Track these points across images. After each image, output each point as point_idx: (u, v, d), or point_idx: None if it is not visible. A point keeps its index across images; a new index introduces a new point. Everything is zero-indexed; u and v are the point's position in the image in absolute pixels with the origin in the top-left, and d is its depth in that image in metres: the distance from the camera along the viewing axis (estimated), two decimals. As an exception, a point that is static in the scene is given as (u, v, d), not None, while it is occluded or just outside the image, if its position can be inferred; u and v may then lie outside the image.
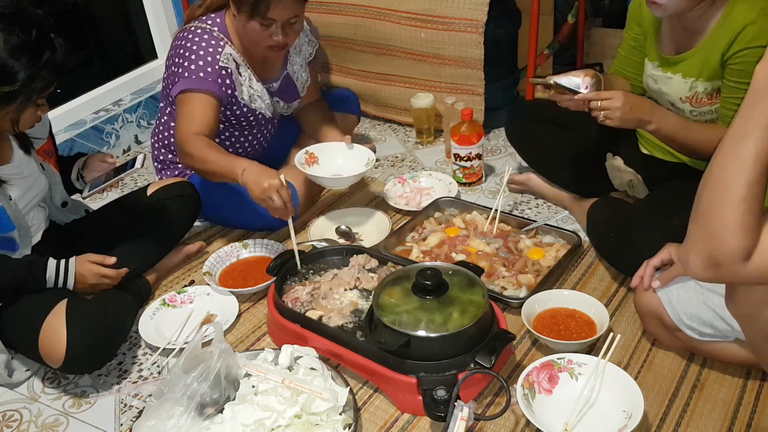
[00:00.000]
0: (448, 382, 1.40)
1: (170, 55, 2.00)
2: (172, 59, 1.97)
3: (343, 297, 1.70)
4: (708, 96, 1.66)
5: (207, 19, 1.98)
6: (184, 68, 1.91)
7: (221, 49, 1.93)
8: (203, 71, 1.90)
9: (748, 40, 1.51)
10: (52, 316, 1.57)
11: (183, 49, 1.93)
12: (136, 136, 2.87)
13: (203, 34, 1.93)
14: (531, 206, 2.21)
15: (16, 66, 1.44)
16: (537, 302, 1.67)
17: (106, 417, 1.57)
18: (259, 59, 2.04)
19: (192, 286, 1.92)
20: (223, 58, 1.93)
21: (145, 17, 3.00)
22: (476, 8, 2.43)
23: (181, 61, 1.92)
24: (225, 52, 1.94)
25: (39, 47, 1.46)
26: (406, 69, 2.66)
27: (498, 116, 2.62)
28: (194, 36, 1.94)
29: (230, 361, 1.45)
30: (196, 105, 1.89)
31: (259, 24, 1.86)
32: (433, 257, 1.91)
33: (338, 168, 2.09)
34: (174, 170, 2.18)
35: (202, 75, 1.90)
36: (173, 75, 1.95)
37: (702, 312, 1.42)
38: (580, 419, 1.37)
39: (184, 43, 1.94)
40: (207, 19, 1.98)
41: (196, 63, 1.91)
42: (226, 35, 1.96)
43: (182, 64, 1.92)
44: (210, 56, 1.91)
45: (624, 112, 1.61)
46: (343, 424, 1.39)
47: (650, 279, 1.51)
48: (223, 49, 1.93)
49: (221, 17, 1.98)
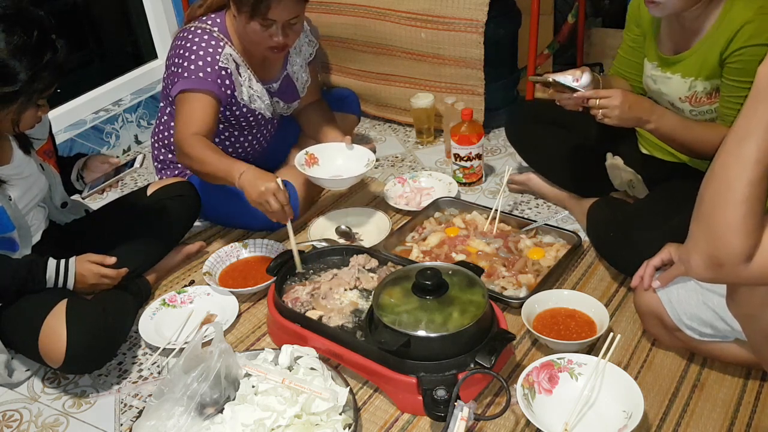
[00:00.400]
0: (448, 382, 1.40)
1: (170, 55, 2.00)
2: (171, 59, 1.97)
3: (343, 297, 1.70)
4: (707, 95, 1.66)
5: (207, 20, 1.98)
6: (184, 68, 1.91)
7: (221, 50, 1.93)
8: (203, 71, 1.90)
9: (746, 39, 1.51)
10: (51, 316, 1.57)
11: (183, 49, 1.93)
12: (136, 136, 2.87)
13: (203, 35, 1.93)
14: (531, 206, 2.21)
15: (17, 67, 1.43)
16: (537, 302, 1.67)
17: (106, 417, 1.57)
18: (258, 60, 2.04)
19: (192, 286, 1.92)
20: (223, 59, 1.93)
21: (145, 17, 2.99)
22: (476, 8, 2.43)
23: (181, 61, 1.92)
24: (225, 52, 1.94)
25: (40, 48, 1.46)
26: (406, 69, 2.66)
27: (498, 116, 2.62)
28: (194, 36, 1.94)
29: (230, 361, 1.45)
30: (196, 105, 1.89)
31: (259, 25, 1.86)
32: (433, 257, 1.91)
33: (338, 169, 2.09)
34: (174, 170, 2.18)
35: (202, 75, 1.90)
36: (173, 75, 1.95)
37: (702, 312, 1.42)
38: (580, 419, 1.37)
39: (183, 44, 1.94)
40: (207, 19, 1.98)
41: (195, 63, 1.90)
42: (226, 35, 1.96)
43: (182, 65, 1.92)
44: (210, 56, 1.91)
45: (622, 111, 1.61)
46: (343, 424, 1.39)
47: (650, 279, 1.51)
48: (223, 50, 1.93)
49: (221, 17, 1.98)
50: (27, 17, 1.47)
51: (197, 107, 1.89)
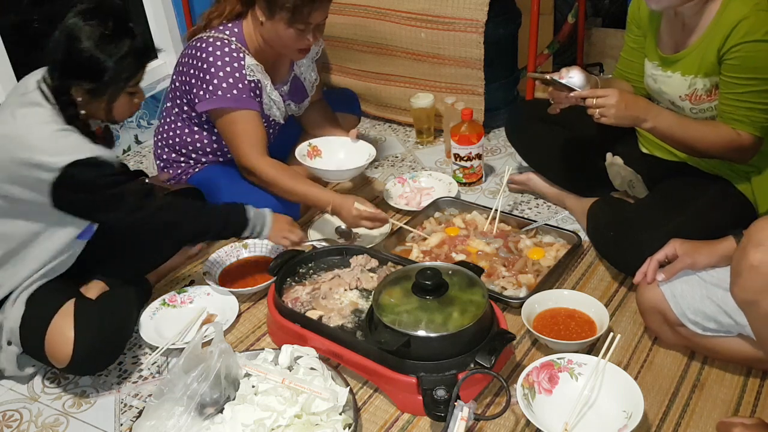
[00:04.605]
0: (448, 382, 1.40)
1: (186, 62, 1.99)
2: (191, 69, 1.97)
3: (343, 297, 1.70)
4: (707, 93, 1.66)
5: (224, 29, 1.98)
6: (215, 85, 1.92)
7: (243, 62, 1.94)
8: (236, 88, 1.92)
9: (742, 35, 1.52)
10: (59, 316, 1.57)
11: (204, 62, 1.93)
12: (136, 136, 2.87)
13: (223, 47, 1.94)
14: (531, 206, 2.21)
15: (102, 58, 1.49)
16: (537, 302, 1.67)
17: (106, 417, 1.57)
18: (270, 64, 2.04)
19: (192, 286, 1.93)
20: (248, 72, 1.95)
21: (145, 17, 2.99)
22: (476, 8, 2.43)
23: (206, 76, 1.92)
24: (247, 63, 1.95)
25: (120, 37, 1.51)
26: (406, 69, 2.66)
27: (498, 116, 2.62)
28: (214, 49, 1.93)
29: (230, 361, 1.45)
30: (248, 126, 1.95)
31: (296, 30, 1.88)
32: (433, 257, 1.91)
33: (339, 162, 2.10)
34: (177, 169, 2.18)
35: (236, 92, 1.92)
36: (195, 87, 1.96)
37: (706, 306, 1.42)
38: (580, 419, 1.37)
39: (204, 56, 1.94)
40: (225, 29, 1.98)
41: (226, 80, 1.92)
42: (243, 44, 1.97)
43: (209, 81, 1.92)
44: (237, 72, 1.93)
45: (618, 110, 1.62)
46: (343, 424, 1.39)
47: (654, 273, 1.51)
48: (245, 61, 1.95)
49: (239, 27, 1.98)
50: (104, 9, 1.52)
51: (250, 128, 1.95)
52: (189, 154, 2.14)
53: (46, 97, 1.53)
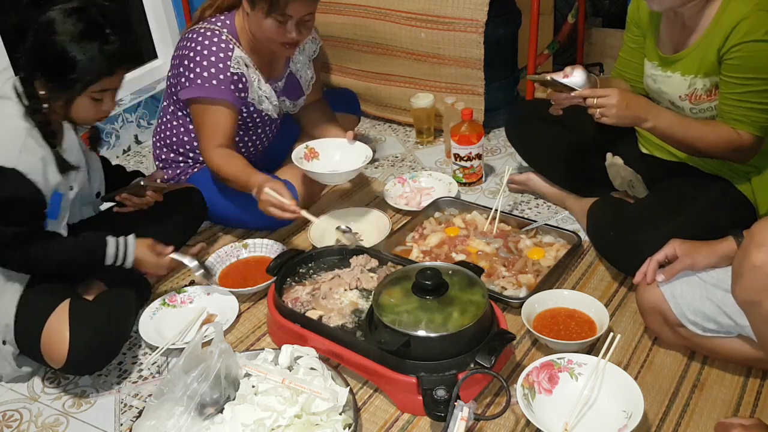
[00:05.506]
0: (448, 382, 1.40)
1: (177, 54, 1.99)
2: (179, 60, 1.97)
3: (343, 297, 1.70)
4: (707, 93, 1.66)
5: (216, 21, 1.97)
6: (196, 74, 1.91)
7: (231, 53, 1.93)
8: (216, 78, 1.91)
9: (742, 35, 1.52)
10: (54, 316, 1.57)
11: (191, 51, 1.93)
12: (136, 136, 2.87)
13: (212, 37, 1.93)
14: (531, 206, 2.21)
15: (69, 52, 1.49)
16: (537, 302, 1.67)
17: (106, 417, 1.57)
18: (265, 59, 2.04)
19: (192, 286, 1.92)
20: (234, 63, 1.94)
21: (145, 17, 2.99)
22: (476, 8, 2.43)
23: (190, 64, 1.92)
24: (235, 55, 1.94)
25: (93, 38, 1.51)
26: (406, 69, 2.66)
27: (498, 116, 2.62)
28: (203, 39, 1.93)
29: (230, 361, 1.45)
30: (216, 118, 1.94)
31: (275, 21, 1.86)
32: (433, 257, 1.91)
33: (336, 164, 2.09)
34: (176, 169, 2.18)
35: (215, 83, 1.91)
36: (181, 76, 1.95)
37: (705, 307, 1.42)
38: (580, 419, 1.37)
39: (192, 45, 1.94)
40: (216, 20, 1.98)
41: (208, 70, 1.91)
42: (234, 36, 1.96)
43: (193, 69, 1.92)
44: (221, 62, 1.92)
45: (619, 109, 1.62)
46: (343, 424, 1.39)
47: (654, 274, 1.51)
48: (233, 53, 1.94)
49: (231, 18, 1.98)
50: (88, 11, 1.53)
51: (219, 121, 1.94)
52: (187, 153, 2.14)
53: (16, 90, 1.54)
